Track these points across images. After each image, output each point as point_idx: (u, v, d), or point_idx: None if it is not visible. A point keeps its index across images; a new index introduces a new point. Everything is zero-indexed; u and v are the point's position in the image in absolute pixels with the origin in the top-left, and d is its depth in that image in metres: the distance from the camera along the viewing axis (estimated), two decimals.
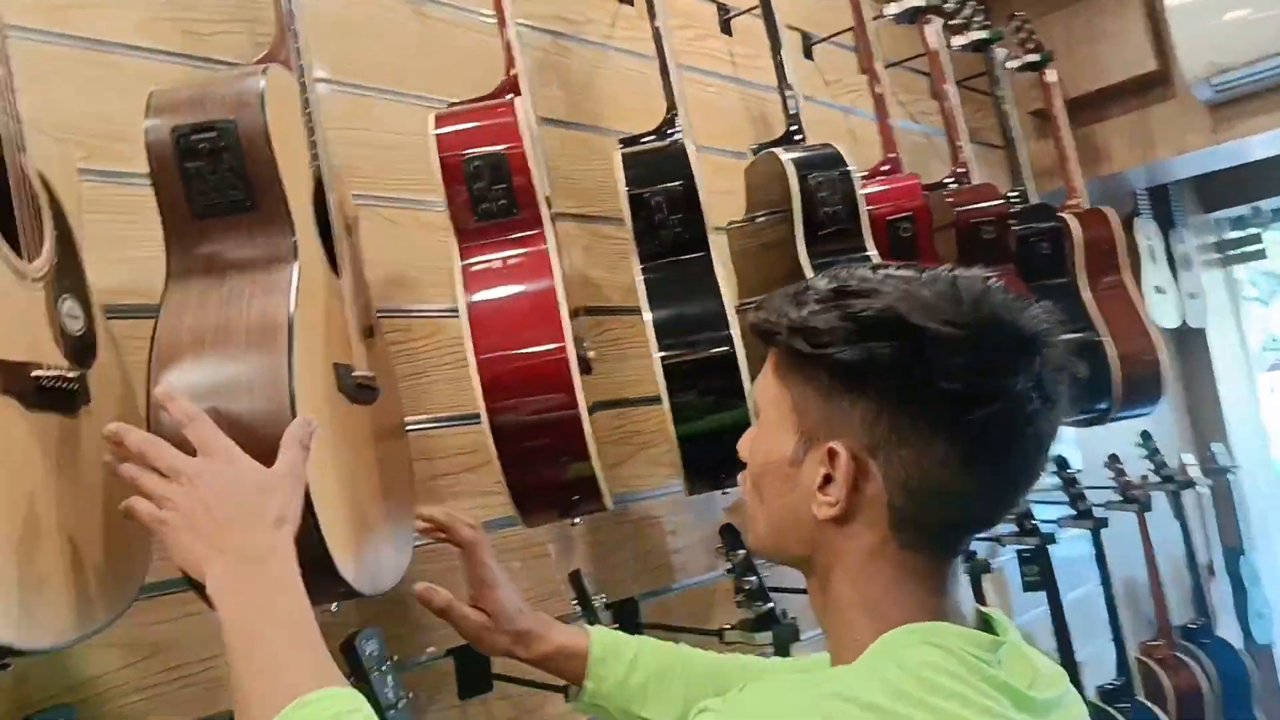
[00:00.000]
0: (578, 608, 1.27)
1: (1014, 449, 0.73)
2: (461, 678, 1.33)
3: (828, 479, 0.73)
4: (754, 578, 1.50)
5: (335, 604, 1.02)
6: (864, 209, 1.62)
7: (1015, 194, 2.43)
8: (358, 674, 1.09)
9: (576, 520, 1.31)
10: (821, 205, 1.59)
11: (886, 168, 1.97)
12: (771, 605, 1.50)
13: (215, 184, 0.91)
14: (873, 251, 1.61)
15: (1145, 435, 2.79)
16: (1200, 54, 2.55)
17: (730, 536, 1.55)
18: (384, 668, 1.09)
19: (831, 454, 0.73)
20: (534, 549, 1.50)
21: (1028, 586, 2.19)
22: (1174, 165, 2.90)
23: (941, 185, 2.16)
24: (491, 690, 1.36)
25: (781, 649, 1.50)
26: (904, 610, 0.73)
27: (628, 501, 1.67)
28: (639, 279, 1.40)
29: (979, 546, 2.02)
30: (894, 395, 0.72)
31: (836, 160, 1.62)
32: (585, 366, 1.25)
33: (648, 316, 1.37)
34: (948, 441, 0.71)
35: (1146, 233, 3.34)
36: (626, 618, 1.61)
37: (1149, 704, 2.33)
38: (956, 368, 0.70)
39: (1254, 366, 4.03)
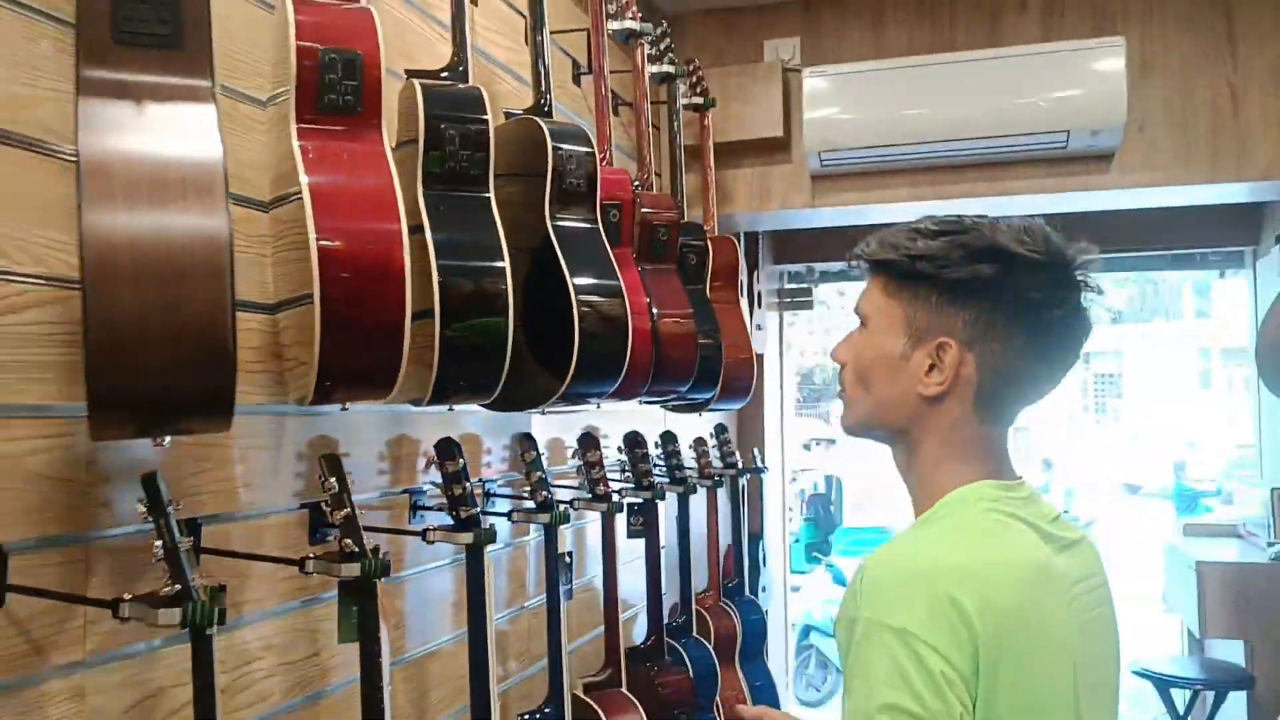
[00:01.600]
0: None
1: (1069, 343, 1.07)
2: None
3: (932, 367, 1.05)
4: (467, 484, 1.69)
5: None
6: (599, 187, 1.88)
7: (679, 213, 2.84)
8: (156, 506, 1.12)
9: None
10: (569, 175, 1.82)
11: (601, 159, 2.25)
12: (479, 509, 1.70)
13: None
14: (599, 224, 1.87)
15: (720, 428, 3.37)
16: (819, 131, 3.19)
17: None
18: (171, 508, 1.14)
19: (942, 348, 1.05)
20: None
21: (631, 534, 2.59)
22: (776, 217, 3.55)
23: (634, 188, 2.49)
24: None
25: (479, 549, 1.70)
26: (969, 469, 1.06)
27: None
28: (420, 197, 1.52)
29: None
30: (990, 303, 1.03)
31: (586, 139, 1.87)
32: None
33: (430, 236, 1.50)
34: (1025, 337, 1.04)
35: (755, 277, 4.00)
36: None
37: (700, 638, 2.87)
38: (1039, 283, 1.03)
39: (783, 397, 4.97)
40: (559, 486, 2.40)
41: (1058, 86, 3.02)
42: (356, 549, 1.37)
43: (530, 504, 2.00)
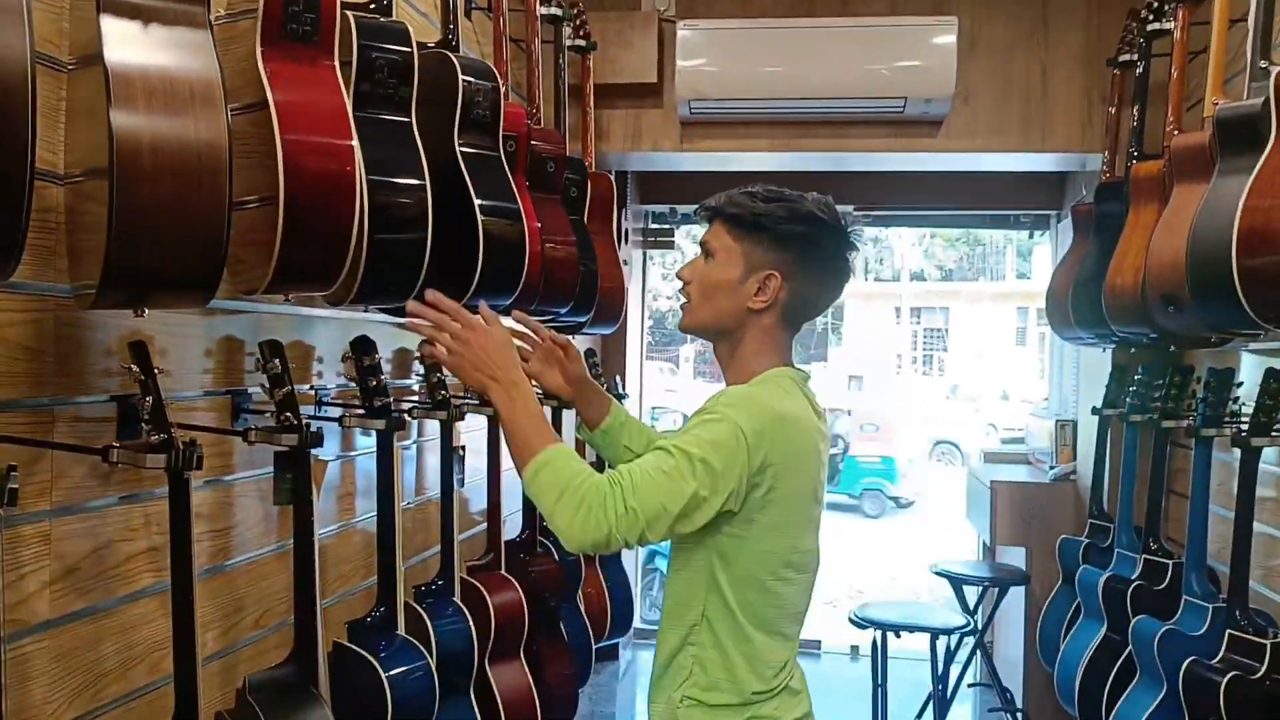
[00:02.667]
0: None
1: (842, 281, 1.56)
2: None
3: (759, 290, 1.49)
4: (378, 379, 1.91)
5: None
6: (502, 119, 2.11)
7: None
8: (145, 367, 1.32)
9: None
10: (476, 106, 2.04)
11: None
12: (391, 399, 1.92)
13: None
14: (501, 154, 2.11)
15: (590, 352, 3.67)
16: (689, 80, 3.48)
17: (364, 345, 1.92)
18: (157, 372, 1.34)
19: (769, 277, 1.49)
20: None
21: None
22: (650, 159, 3.84)
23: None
24: None
25: (388, 436, 1.93)
26: (774, 359, 1.53)
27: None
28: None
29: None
30: (801, 251, 1.49)
31: (492, 74, 2.10)
32: None
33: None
34: (819, 275, 1.52)
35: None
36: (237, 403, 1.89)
37: None
38: (832, 240, 1.51)
39: (644, 330, 5.30)
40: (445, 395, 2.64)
41: (899, 57, 3.40)
42: (294, 421, 1.59)
43: (426, 402, 2.24)
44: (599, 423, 1.71)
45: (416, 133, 1.81)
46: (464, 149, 2.03)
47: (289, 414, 1.61)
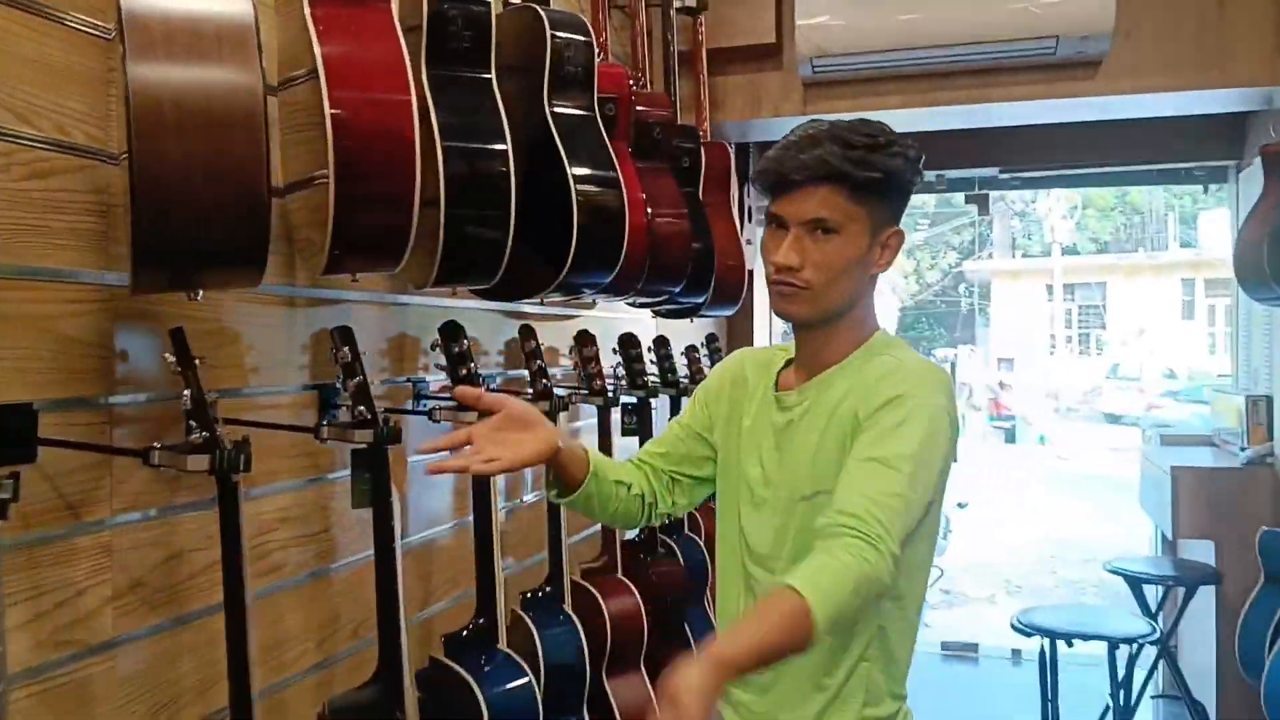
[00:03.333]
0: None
1: None
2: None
3: (883, 251, 1.34)
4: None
5: None
6: (596, 77, 1.90)
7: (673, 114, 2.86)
8: (185, 358, 1.18)
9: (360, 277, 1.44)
10: (567, 62, 1.84)
11: (600, 55, 2.26)
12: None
13: None
14: (597, 116, 1.90)
15: (712, 336, 3.43)
16: (811, 38, 3.19)
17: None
18: (199, 362, 1.20)
19: (895, 236, 1.34)
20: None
21: (626, 431, 2.66)
22: (767, 125, 3.56)
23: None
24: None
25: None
26: (875, 319, 1.41)
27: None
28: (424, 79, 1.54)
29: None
30: (905, 199, 1.35)
31: (584, 27, 1.89)
32: None
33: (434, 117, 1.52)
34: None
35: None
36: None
37: (692, 535, 2.96)
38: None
39: (772, 313, 5.02)
40: (555, 384, 2.46)
41: None
42: (369, 415, 1.42)
43: (528, 393, 2.06)
44: (581, 477, 1.39)
45: (497, 91, 1.62)
46: (555, 109, 1.84)
47: (363, 407, 1.45)
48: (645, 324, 3.24)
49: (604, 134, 1.91)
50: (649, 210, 2.35)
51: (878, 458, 1.20)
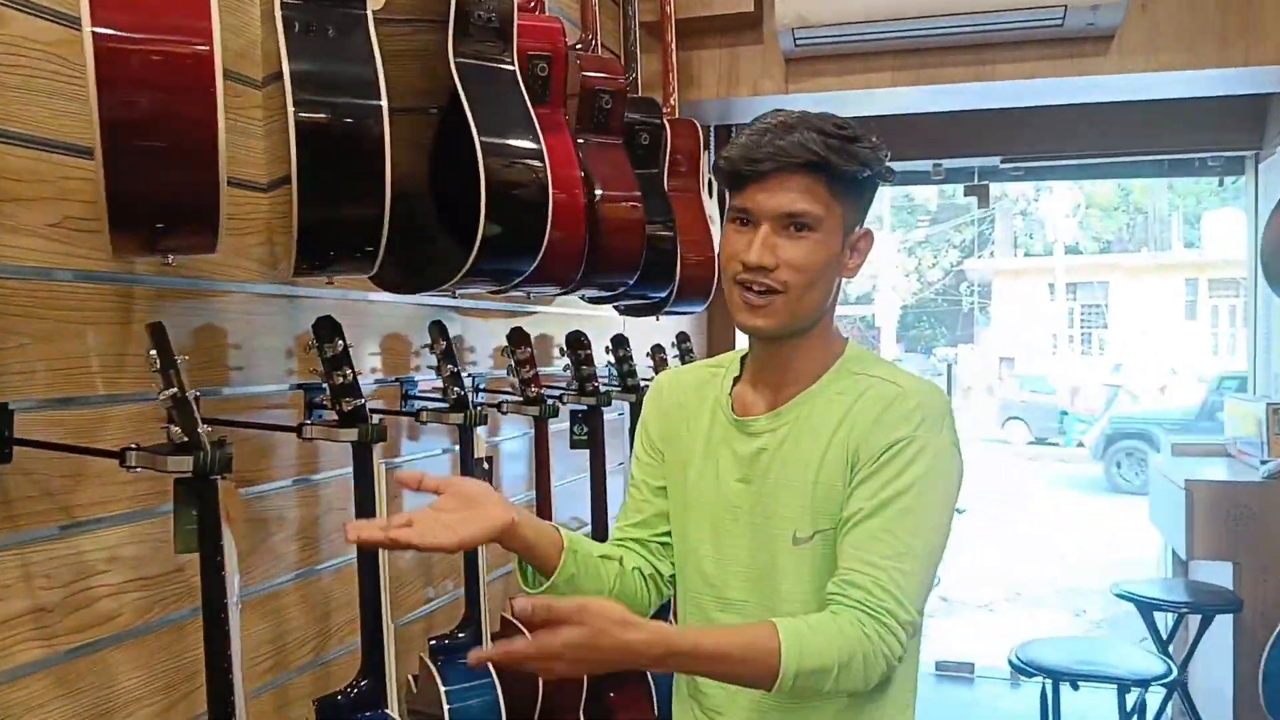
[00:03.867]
0: (156, 358, 1.11)
1: None
2: None
3: (853, 254, 1.23)
4: (350, 371, 1.43)
5: None
6: (516, 28, 1.59)
7: (627, 83, 2.54)
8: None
9: (171, 259, 1.15)
10: (477, 6, 1.53)
11: (531, 5, 1.95)
12: (364, 401, 1.44)
13: None
14: (515, 67, 1.59)
15: (682, 335, 3.12)
16: (792, 6, 2.87)
17: (327, 327, 1.46)
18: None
19: (864, 237, 1.23)
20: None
21: (575, 444, 2.34)
22: (746, 105, 3.25)
23: (571, 49, 2.19)
24: (9, 461, 1.17)
25: (363, 448, 1.45)
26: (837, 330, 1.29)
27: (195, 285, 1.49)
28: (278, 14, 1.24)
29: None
30: (872, 201, 1.24)
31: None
32: None
33: (286, 66, 1.22)
34: None
35: (709, 167, 3.71)
36: None
37: None
38: None
39: None
40: (495, 392, 2.15)
41: None
42: (188, 438, 1.11)
43: (441, 403, 1.75)
44: (555, 557, 1.19)
45: (373, 30, 1.31)
46: (461, 61, 1.52)
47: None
48: (611, 322, 2.93)
49: (524, 95, 1.59)
50: (598, 191, 2.05)
51: (886, 518, 1.13)
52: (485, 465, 1.72)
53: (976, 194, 4.60)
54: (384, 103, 1.25)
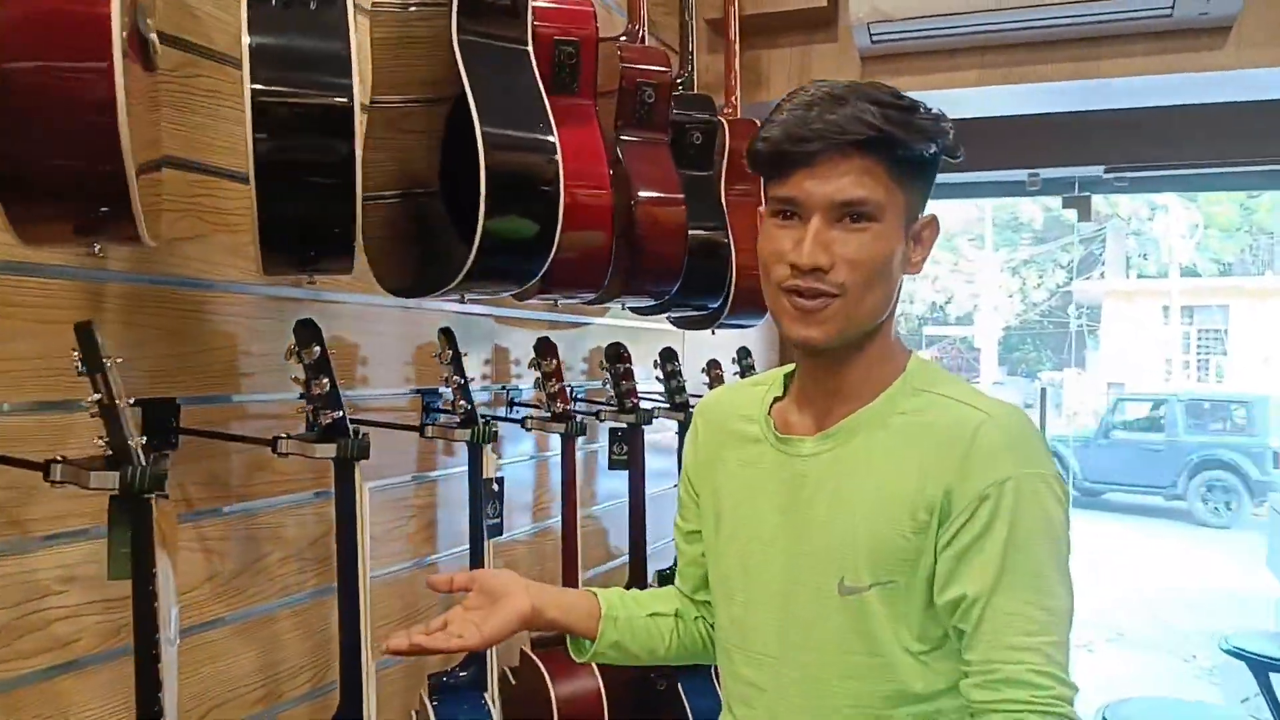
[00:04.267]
0: (80, 361, 0.99)
1: None
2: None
3: (917, 245, 1.06)
4: (327, 380, 1.30)
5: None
6: (531, 7, 1.44)
7: (680, 79, 2.38)
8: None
9: (98, 249, 1.03)
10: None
11: None
12: (344, 413, 1.30)
13: None
14: (528, 48, 1.43)
15: (744, 350, 2.92)
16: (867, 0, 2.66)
17: (307, 331, 1.33)
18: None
19: (927, 226, 1.06)
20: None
21: (614, 464, 2.17)
22: None
23: (614, 40, 2.04)
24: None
25: (346, 465, 1.31)
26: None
27: (190, 286, 1.39)
28: None
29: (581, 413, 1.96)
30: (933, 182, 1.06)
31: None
32: (144, 51, 0.97)
33: (246, 40, 1.10)
34: None
35: None
36: (159, 417, 1.33)
37: None
38: None
39: None
40: (528, 405, 2.01)
41: None
42: (114, 450, 0.98)
43: (452, 418, 1.60)
44: (595, 620, 1.16)
45: (351, 5, 1.17)
46: (465, 39, 1.38)
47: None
48: (665, 336, 2.76)
49: (537, 79, 1.44)
50: (637, 191, 1.88)
51: (1015, 591, 0.96)
52: (494, 486, 1.56)
53: (1077, 206, 4.27)
54: (354, 81, 1.10)
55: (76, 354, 0.97)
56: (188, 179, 1.37)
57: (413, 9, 1.47)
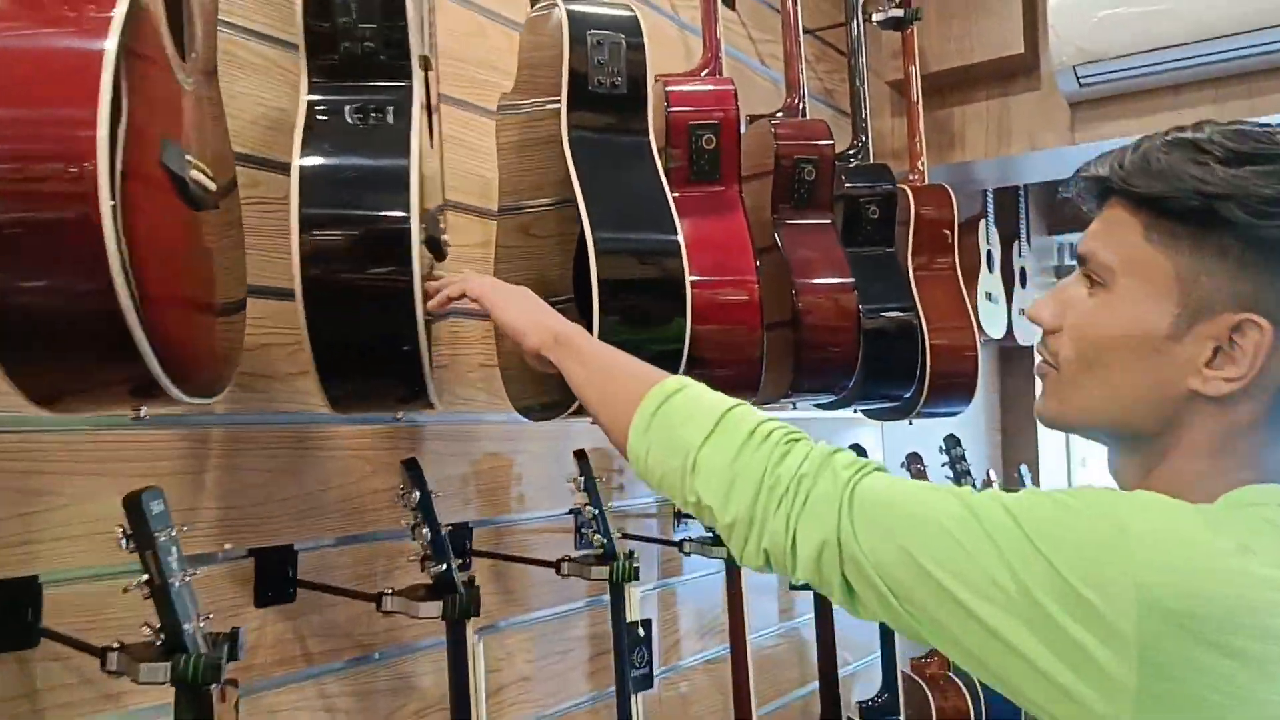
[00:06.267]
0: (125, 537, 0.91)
1: None
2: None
3: (1217, 352, 0.75)
4: (428, 529, 1.18)
5: None
6: (649, 89, 1.30)
7: (854, 150, 2.18)
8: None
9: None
10: (596, 71, 1.26)
11: (706, 71, 1.66)
12: (450, 566, 1.17)
13: None
14: (647, 139, 1.29)
15: (952, 439, 2.61)
16: (1071, 38, 2.36)
17: (412, 472, 1.22)
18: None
19: (1243, 327, 0.74)
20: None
21: (795, 585, 1.94)
22: (1025, 163, 2.73)
23: (770, 116, 1.87)
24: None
25: (457, 625, 1.18)
26: (1252, 477, 0.75)
27: (303, 422, 1.33)
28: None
29: None
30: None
31: (630, 25, 1.30)
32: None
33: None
34: None
35: (988, 237, 3.19)
36: (274, 568, 1.26)
37: None
38: None
39: None
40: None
41: None
42: (167, 637, 0.89)
43: (590, 551, 1.45)
44: None
45: (416, 103, 1.07)
46: (575, 134, 1.25)
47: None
48: (855, 425, 2.52)
49: (658, 171, 1.29)
50: (797, 278, 1.69)
51: None
52: (640, 631, 1.38)
53: None
54: (412, 206, 1.00)
55: (121, 530, 0.89)
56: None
57: (527, 109, 1.37)
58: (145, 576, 0.89)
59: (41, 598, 1.02)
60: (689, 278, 1.25)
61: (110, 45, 0.74)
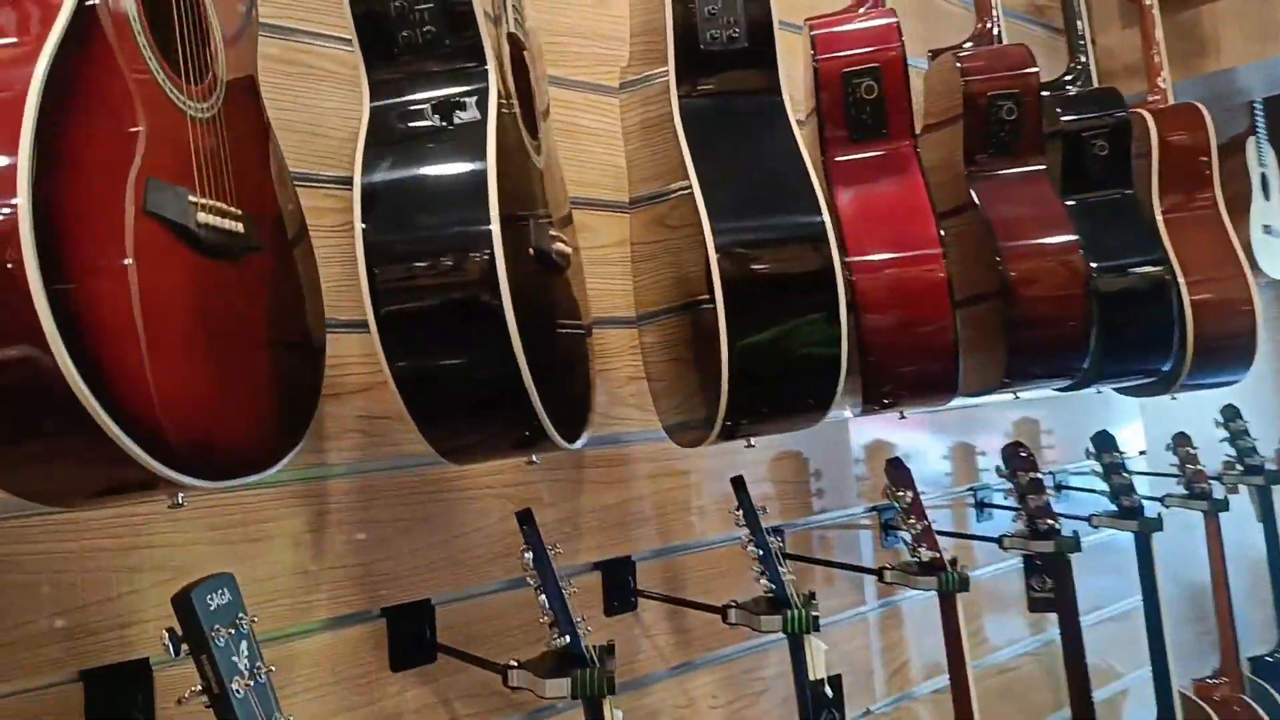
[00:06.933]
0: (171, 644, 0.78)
1: None
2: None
3: None
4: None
5: None
6: (775, 37, 1.05)
7: (1071, 74, 1.81)
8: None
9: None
10: (706, 26, 1.03)
11: (868, 5, 1.38)
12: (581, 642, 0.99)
13: None
14: (779, 97, 1.04)
15: (1230, 411, 2.16)
16: None
17: (523, 521, 1.05)
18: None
19: None
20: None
21: (1035, 605, 1.62)
22: None
23: (953, 49, 1.56)
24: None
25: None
26: None
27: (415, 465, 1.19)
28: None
29: (948, 545, 1.45)
30: None
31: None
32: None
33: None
34: None
35: (1261, 158, 2.64)
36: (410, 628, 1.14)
37: None
38: None
39: None
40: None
41: None
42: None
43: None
44: None
45: (495, 106, 0.89)
46: (685, 100, 1.03)
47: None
48: (1114, 405, 2.13)
49: (795, 136, 1.04)
50: (1002, 243, 1.39)
51: None
52: (828, 691, 1.14)
53: None
54: (492, 214, 0.82)
55: (167, 635, 0.76)
56: None
57: (642, 84, 1.16)
58: (198, 687, 0.76)
59: None
60: (843, 261, 1.00)
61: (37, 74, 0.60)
